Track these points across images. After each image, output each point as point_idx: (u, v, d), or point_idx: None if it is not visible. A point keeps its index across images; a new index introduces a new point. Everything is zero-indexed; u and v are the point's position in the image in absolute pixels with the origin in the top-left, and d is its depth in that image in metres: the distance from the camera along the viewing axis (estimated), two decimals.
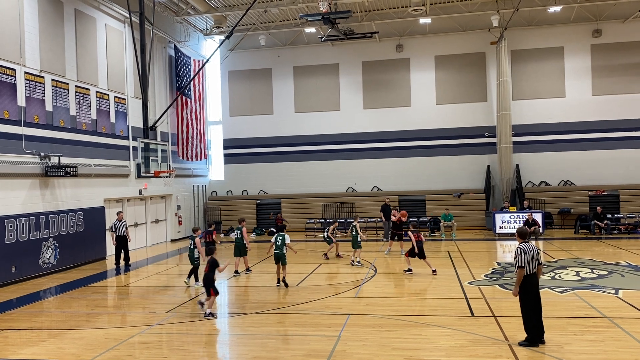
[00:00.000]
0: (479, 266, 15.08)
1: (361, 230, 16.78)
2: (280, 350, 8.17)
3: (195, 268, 13.48)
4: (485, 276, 13.59)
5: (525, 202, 23.62)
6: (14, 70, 14.87)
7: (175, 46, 24.27)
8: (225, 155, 28.85)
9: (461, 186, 26.22)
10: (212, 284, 10.45)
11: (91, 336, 9.18)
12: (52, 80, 16.45)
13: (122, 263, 16.99)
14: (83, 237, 17.19)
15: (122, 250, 17.01)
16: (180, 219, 24.75)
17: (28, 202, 15.13)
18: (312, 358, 7.76)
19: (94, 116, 18.51)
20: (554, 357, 7.48)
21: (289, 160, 27.95)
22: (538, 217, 21.68)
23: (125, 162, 20.24)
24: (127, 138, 20.48)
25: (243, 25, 24.87)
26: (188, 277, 13.57)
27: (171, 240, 23.91)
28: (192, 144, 25.06)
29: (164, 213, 23.88)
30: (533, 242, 8.56)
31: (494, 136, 25.69)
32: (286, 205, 27.05)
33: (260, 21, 25.63)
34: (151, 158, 18.45)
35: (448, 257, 16.97)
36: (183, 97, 24.41)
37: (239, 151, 28.50)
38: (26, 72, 15.34)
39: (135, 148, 19.82)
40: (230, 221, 26.32)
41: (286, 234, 13.20)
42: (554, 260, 15.75)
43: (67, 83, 17.17)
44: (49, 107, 16.27)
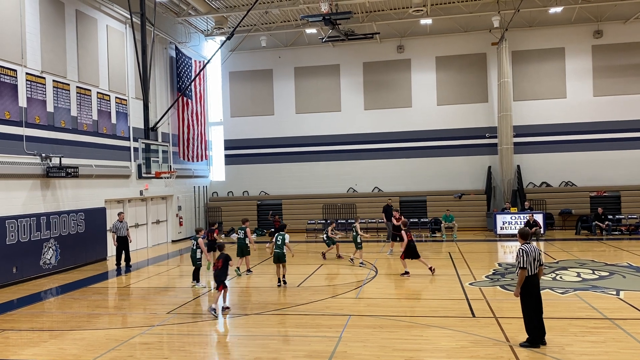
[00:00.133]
0: (480, 267, 15.08)
1: (362, 230, 16.94)
2: (281, 351, 8.17)
3: (197, 269, 13.48)
4: (486, 277, 13.58)
5: (526, 203, 23.61)
6: (15, 71, 14.89)
7: (176, 47, 24.30)
8: (226, 156, 28.87)
9: (462, 187, 26.21)
10: (223, 280, 10.72)
11: (92, 337, 9.18)
12: (53, 81, 16.47)
13: (123, 264, 16.99)
14: (84, 238, 17.20)
15: (123, 251, 17.01)
16: (181, 220, 24.76)
17: (29, 203, 15.14)
18: (313, 359, 7.76)
19: (95, 117, 18.52)
20: (555, 358, 7.47)
21: (290, 161, 27.96)
22: (539, 218, 21.67)
23: (126, 163, 20.26)
24: (128, 139, 20.50)
25: (244, 26, 24.89)
26: (194, 280, 13.52)
27: (172, 241, 23.92)
28: (193, 145, 25.07)
29: (165, 214, 23.89)
30: (534, 243, 8.55)
31: (495, 137, 25.68)
32: (287, 206, 27.05)
33: (261, 22, 25.65)
34: (152, 159, 18.45)
35: (449, 258, 16.97)
36: (184, 98, 24.42)
37: (240, 152, 28.51)
38: (27, 73, 15.36)
39: (136, 149, 19.84)
40: (230, 222, 26.31)
41: (286, 234, 13.40)
42: (555, 261, 15.74)
43: (68, 84, 17.19)
44: (50, 108, 16.29)
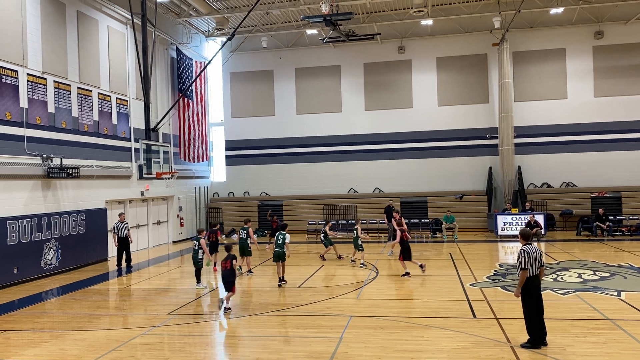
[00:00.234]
0: (481, 268, 15.07)
1: (363, 232, 17.02)
2: (282, 351, 8.17)
3: (198, 269, 13.47)
4: (487, 278, 13.58)
5: (527, 204, 23.59)
6: (17, 71, 14.90)
7: (177, 48, 24.31)
8: (227, 156, 28.87)
9: (463, 188, 26.20)
10: (232, 280, 10.82)
11: (93, 337, 9.18)
12: (55, 81, 16.48)
13: (124, 264, 16.97)
14: (85, 239, 17.21)
15: (124, 251, 16.99)
16: (182, 221, 24.76)
17: (30, 204, 15.15)
18: (314, 359, 7.77)
19: (96, 118, 18.54)
20: (556, 359, 7.46)
21: (291, 161, 27.96)
22: (540, 219, 21.65)
23: (127, 164, 20.27)
24: (129, 139, 20.51)
25: (245, 27, 24.91)
26: (199, 282, 13.52)
27: (173, 241, 23.92)
28: (194, 146, 25.08)
29: (166, 214, 23.89)
30: (535, 244, 8.55)
31: (496, 138, 25.66)
32: (288, 206, 27.05)
33: (262, 23, 25.66)
34: (153, 159, 18.47)
35: (450, 259, 16.96)
36: (185, 99, 24.43)
37: (241, 153, 28.52)
38: (28, 74, 15.37)
39: (137, 149, 19.86)
40: (231, 223, 26.31)
41: (287, 234, 13.54)
42: (556, 262, 15.73)
43: (69, 84, 17.20)
44: (51, 109, 16.30)
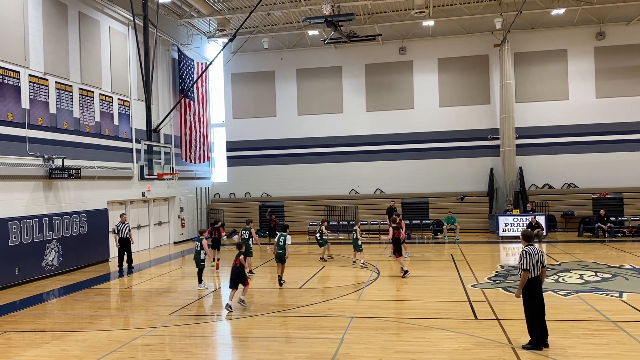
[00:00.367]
0: (482, 269, 15.06)
1: (363, 233, 17.09)
2: (283, 352, 8.16)
3: (200, 270, 13.47)
4: (488, 279, 13.56)
5: (528, 205, 23.56)
6: (18, 72, 14.92)
7: (178, 49, 24.34)
8: (228, 157, 28.88)
9: (464, 189, 26.18)
10: (245, 275, 11.19)
11: (94, 338, 9.19)
12: (56, 82, 16.50)
13: (125, 265, 16.99)
14: (86, 239, 17.22)
15: (125, 252, 17.00)
16: (183, 222, 24.78)
17: (31, 204, 15.16)
18: None
19: (98, 118, 18.56)
20: None
21: (292, 162, 27.96)
22: (541, 220, 21.61)
23: (128, 165, 20.29)
24: (131, 140, 20.53)
25: (246, 28, 24.93)
26: (201, 283, 13.53)
27: (174, 242, 23.92)
28: (195, 147, 25.10)
29: (167, 215, 23.90)
30: (537, 245, 8.53)
31: (497, 139, 25.65)
32: (289, 207, 27.05)
33: (263, 24, 25.67)
34: (154, 160, 18.49)
35: (451, 260, 16.95)
36: (186, 100, 24.45)
37: (242, 153, 28.53)
38: (30, 75, 15.39)
39: (138, 150, 19.89)
40: (233, 223, 26.31)
41: (288, 235, 13.60)
42: (558, 263, 15.71)
43: (71, 85, 17.23)
44: (53, 110, 16.32)
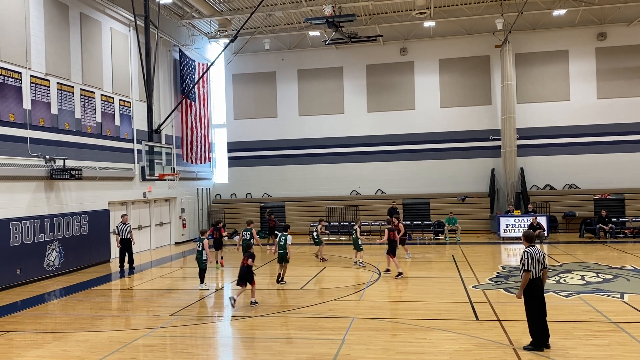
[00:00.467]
0: (484, 270, 15.04)
1: (363, 233, 17.13)
2: (284, 353, 8.16)
3: (202, 270, 13.47)
4: (489, 280, 13.55)
5: (529, 206, 23.53)
6: (20, 73, 14.95)
7: (179, 49, 24.36)
8: (229, 158, 28.90)
9: (465, 190, 26.17)
10: (252, 275, 11.32)
11: (95, 339, 9.20)
12: (58, 83, 16.52)
13: (127, 266, 16.99)
14: (88, 240, 17.24)
15: (127, 253, 17.02)
16: (184, 222, 24.79)
17: (33, 205, 15.18)
18: None
19: (99, 119, 18.58)
20: None
21: (293, 163, 27.97)
22: (543, 221, 21.59)
23: (129, 165, 20.31)
24: (132, 141, 20.54)
25: (247, 28, 24.95)
26: (202, 283, 13.52)
27: (175, 243, 23.94)
28: (197, 147, 25.12)
29: (168, 216, 23.91)
30: (538, 246, 8.53)
31: (499, 139, 25.64)
32: (290, 208, 27.05)
33: (264, 25, 25.69)
34: (156, 161, 18.50)
35: (452, 261, 16.94)
36: (187, 101, 24.47)
37: (243, 154, 28.54)
38: (32, 76, 15.42)
39: (139, 151, 19.90)
40: (234, 224, 26.31)
41: (289, 235, 13.79)
42: (559, 264, 15.68)
43: (73, 86, 17.25)
44: (54, 110, 16.34)
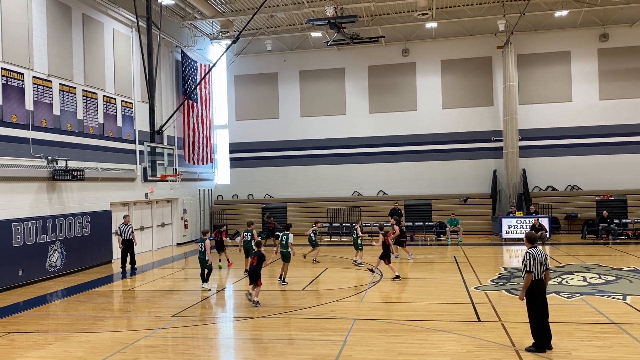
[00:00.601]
0: (486, 271, 15.03)
1: (366, 234, 17.19)
2: (286, 354, 8.16)
3: (208, 270, 13.49)
4: (491, 281, 13.54)
5: (531, 207, 23.51)
6: (22, 74, 14.98)
7: (182, 51, 24.39)
8: (231, 159, 28.91)
9: (467, 191, 26.14)
10: (259, 276, 11.31)
11: (97, 339, 9.20)
12: (60, 84, 16.55)
13: (128, 267, 17.00)
14: (89, 241, 17.25)
15: (128, 253, 17.03)
16: (186, 223, 24.80)
17: (35, 206, 15.20)
18: None
19: (101, 120, 18.61)
20: None
21: (295, 164, 27.96)
22: (545, 222, 21.57)
23: (131, 166, 20.33)
24: (134, 142, 20.57)
25: (249, 29, 24.96)
26: (205, 281, 13.52)
27: (177, 244, 23.95)
28: (199, 148, 25.14)
29: (170, 217, 23.93)
30: (540, 247, 8.52)
31: (501, 140, 25.60)
32: (292, 209, 27.04)
33: (266, 26, 25.71)
34: (157, 162, 18.49)
35: (454, 262, 16.93)
36: (189, 102, 24.51)
37: (245, 155, 28.55)
38: (34, 77, 15.45)
39: (141, 152, 19.92)
40: (235, 225, 26.33)
41: (290, 234, 14.00)
42: (561, 265, 15.67)
43: (75, 87, 17.28)
44: (57, 111, 16.37)
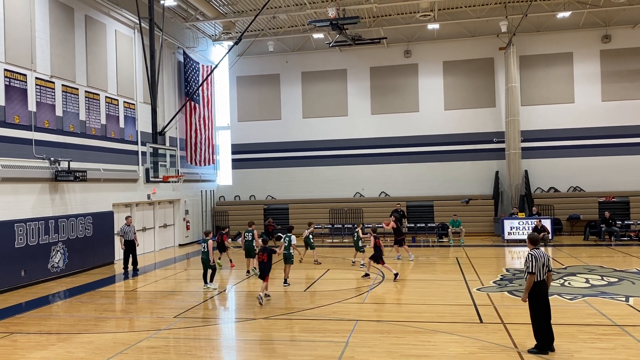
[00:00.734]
0: (488, 272, 15.00)
1: (365, 235, 17.15)
2: (288, 355, 8.16)
3: (212, 270, 13.51)
4: (493, 283, 13.51)
5: (534, 209, 23.48)
6: (25, 75, 15.01)
7: (184, 52, 24.42)
8: (233, 160, 28.93)
9: (469, 192, 26.11)
10: (268, 271, 11.64)
11: (100, 340, 9.21)
12: (62, 85, 16.59)
13: (130, 267, 17.03)
14: (92, 242, 17.26)
15: (131, 254, 17.06)
16: (188, 224, 24.81)
17: (38, 207, 15.23)
18: None
19: (104, 121, 18.64)
20: None
21: (297, 165, 27.96)
22: (547, 224, 21.54)
23: (134, 167, 20.35)
24: (136, 143, 20.60)
25: (251, 31, 24.98)
26: (210, 281, 13.56)
27: (179, 245, 23.96)
28: (201, 149, 25.16)
29: (172, 218, 23.95)
30: (543, 249, 8.51)
31: (503, 142, 25.57)
32: (293, 210, 27.04)
33: (268, 27, 25.74)
34: (160, 163, 18.52)
35: (456, 264, 16.90)
36: (192, 103, 24.53)
37: (247, 156, 28.57)
38: (37, 78, 15.48)
39: (144, 153, 19.93)
40: (237, 226, 26.28)
41: (292, 235, 14.06)
42: (564, 267, 15.63)
43: (77, 88, 17.31)
44: (59, 112, 16.40)
